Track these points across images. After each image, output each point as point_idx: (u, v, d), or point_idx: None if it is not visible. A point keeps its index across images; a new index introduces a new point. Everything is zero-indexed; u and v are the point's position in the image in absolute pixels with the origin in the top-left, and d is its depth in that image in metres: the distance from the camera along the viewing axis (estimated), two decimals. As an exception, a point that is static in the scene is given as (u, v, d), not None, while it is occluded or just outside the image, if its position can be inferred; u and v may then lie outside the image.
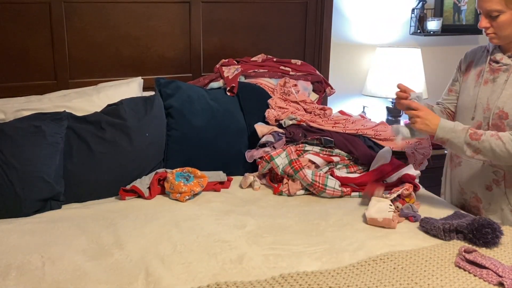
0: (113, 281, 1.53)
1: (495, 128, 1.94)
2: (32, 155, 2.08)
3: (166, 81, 2.61)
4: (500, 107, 1.93)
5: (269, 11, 3.08)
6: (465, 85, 2.10)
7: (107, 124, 2.27)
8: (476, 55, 2.12)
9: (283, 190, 2.27)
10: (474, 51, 2.15)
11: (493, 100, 1.95)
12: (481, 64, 2.06)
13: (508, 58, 1.96)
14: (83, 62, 2.73)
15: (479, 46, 2.15)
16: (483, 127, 1.98)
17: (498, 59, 1.98)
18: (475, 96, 2.02)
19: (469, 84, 2.08)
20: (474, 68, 2.09)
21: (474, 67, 2.09)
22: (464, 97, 2.09)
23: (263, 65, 2.93)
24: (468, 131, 1.88)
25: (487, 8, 1.86)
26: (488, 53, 2.04)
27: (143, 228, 1.88)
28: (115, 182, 2.22)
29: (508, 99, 1.92)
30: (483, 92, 2.00)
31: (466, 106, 2.06)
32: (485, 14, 1.89)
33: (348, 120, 2.68)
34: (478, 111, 2.00)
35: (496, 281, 1.51)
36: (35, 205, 2.04)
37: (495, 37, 1.93)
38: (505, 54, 1.97)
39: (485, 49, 2.08)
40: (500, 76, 1.97)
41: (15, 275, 1.56)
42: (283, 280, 1.51)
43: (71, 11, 2.64)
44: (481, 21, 1.91)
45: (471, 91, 2.05)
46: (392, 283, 1.51)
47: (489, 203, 2.02)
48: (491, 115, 1.95)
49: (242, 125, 2.62)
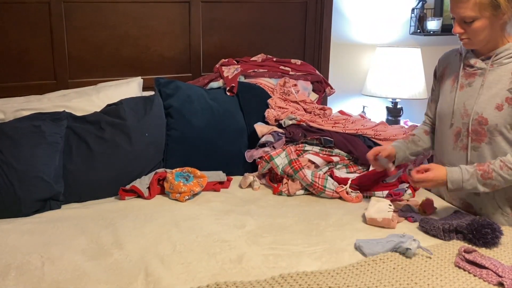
0: (113, 281, 1.53)
1: (475, 134, 1.92)
2: (32, 155, 2.07)
3: (165, 81, 2.61)
4: (479, 112, 1.90)
5: (269, 10, 3.08)
6: (442, 91, 2.08)
7: (106, 124, 2.27)
8: (450, 59, 2.09)
9: (282, 190, 2.27)
10: (447, 56, 2.13)
11: (471, 105, 1.93)
12: (455, 69, 2.04)
13: (482, 62, 1.93)
14: (83, 62, 2.73)
15: (451, 50, 2.12)
16: (462, 133, 1.96)
17: (472, 63, 1.95)
18: (452, 102, 1.99)
19: (445, 90, 2.06)
20: (448, 73, 2.07)
21: (449, 72, 2.07)
22: (441, 104, 2.07)
23: (262, 65, 2.93)
24: (478, 173, 1.86)
25: (461, 15, 1.85)
26: (461, 56, 2.01)
27: (142, 228, 1.88)
28: (114, 182, 2.22)
29: (486, 104, 1.89)
30: (459, 97, 1.97)
31: (444, 113, 2.04)
32: (458, 19, 1.88)
33: (348, 120, 2.68)
34: (456, 117, 1.98)
35: (496, 281, 1.51)
36: (35, 205, 2.04)
37: (469, 43, 1.91)
38: (479, 57, 1.95)
39: (458, 53, 2.05)
40: (476, 81, 1.94)
41: (14, 275, 1.56)
42: (282, 280, 1.51)
43: (70, 11, 2.64)
44: (455, 27, 1.90)
45: (448, 97, 2.03)
46: (392, 283, 1.51)
47: (480, 208, 2.01)
48: (470, 121, 1.92)
49: (242, 125, 2.62)
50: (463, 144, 1.97)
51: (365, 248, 1.71)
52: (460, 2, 1.84)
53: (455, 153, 2.00)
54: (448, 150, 2.03)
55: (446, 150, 2.05)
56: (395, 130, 2.64)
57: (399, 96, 3.32)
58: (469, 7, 1.81)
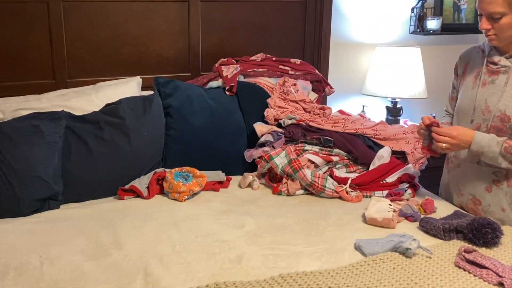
0: (112, 281, 1.53)
1: (495, 131, 1.93)
2: (31, 154, 2.07)
3: (165, 81, 2.60)
4: (502, 110, 1.92)
5: (268, 10, 3.08)
6: (463, 87, 2.09)
7: (105, 123, 2.26)
8: (471, 56, 2.10)
9: (282, 190, 2.27)
10: (469, 52, 2.13)
11: (494, 103, 1.94)
12: (477, 66, 2.04)
13: (506, 60, 1.95)
14: (82, 61, 2.72)
15: (472, 47, 2.13)
16: (481, 129, 1.97)
17: (496, 60, 1.96)
18: (474, 98, 2.00)
19: (467, 86, 2.07)
20: (470, 70, 2.08)
21: (471, 69, 2.07)
22: (462, 100, 2.07)
23: (262, 64, 2.93)
24: (503, 145, 1.87)
25: (489, 10, 1.85)
26: (484, 53, 2.02)
27: (141, 228, 1.88)
28: (113, 181, 2.21)
29: (510, 101, 1.91)
30: (481, 94, 1.98)
31: (465, 109, 2.05)
32: (486, 16, 1.88)
33: (347, 119, 2.68)
34: (477, 113, 1.99)
35: (496, 281, 1.51)
36: (34, 205, 2.04)
37: (495, 39, 1.92)
38: (503, 55, 1.96)
39: (480, 50, 2.06)
40: (499, 78, 1.95)
41: (13, 275, 1.56)
42: (282, 280, 1.51)
43: (69, 10, 2.64)
44: (482, 22, 1.90)
45: (469, 93, 2.04)
46: (392, 283, 1.51)
47: (489, 204, 2.01)
48: (492, 118, 1.94)
49: (241, 125, 2.62)
50: None
51: (365, 248, 1.70)
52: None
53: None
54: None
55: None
56: (395, 129, 2.64)
57: (398, 96, 3.32)
58: (498, 2, 1.82)
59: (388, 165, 2.35)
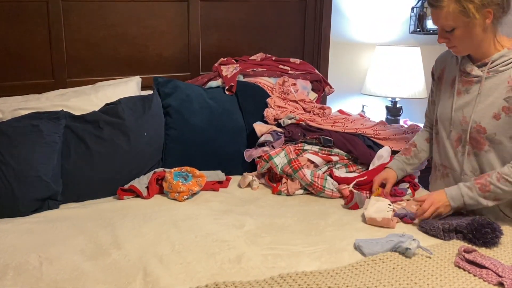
0: (111, 281, 1.53)
1: (475, 142, 1.91)
2: (30, 154, 2.07)
3: (164, 80, 2.60)
4: (477, 121, 1.89)
5: (268, 9, 3.08)
6: (440, 94, 2.06)
7: (105, 123, 2.26)
8: (447, 62, 2.07)
9: (282, 190, 2.26)
10: (444, 57, 2.10)
11: (469, 113, 1.92)
12: (452, 73, 2.02)
13: (478, 69, 1.91)
14: (81, 61, 2.72)
15: (447, 51, 2.08)
16: (463, 140, 1.95)
17: (469, 70, 1.93)
18: (450, 109, 1.98)
19: (443, 95, 2.04)
20: (446, 76, 2.05)
21: (447, 76, 2.05)
22: (441, 109, 2.05)
23: (262, 64, 2.92)
24: (475, 187, 1.86)
25: (440, 24, 1.85)
26: (458, 60, 1.99)
27: (141, 227, 1.88)
28: (113, 181, 2.21)
29: (484, 113, 1.88)
30: (457, 104, 1.96)
31: (444, 118, 2.02)
32: (440, 29, 1.87)
33: (347, 119, 2.68)
34: (455, 124, 1.97)
35: (496, 281, 1.51)
36: (33, 204, 2.04)
37: (456, 50, 1.91)
38: (475, 63, 1.93)
39: (453, 55, 2.02)
40: (473, 88, 1.92)
41: (12, 275, 1.55)
42: (282, 280, 1.51)
43: (68, 10, 2.63)
44: (438, 36, 1.89)
45: (446, 102, 2.01)
46: (392, 283, 1.51)
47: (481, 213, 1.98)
48: (469, 129, 1.92)
49: (241, 124, 2.62)
50: (464, 150, 1.96)
51: (365, 248, 1.70)
52: (436, 13, 1.84)
53: (457, 159, 2.00)
54: (450, 155, 2.03)
55: (447, 155, 2.04)
56: (394, 129, 2.63)
57: (398, 95, 3.31)
58: (443, 17, 1.81)
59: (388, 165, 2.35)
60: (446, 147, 2.03)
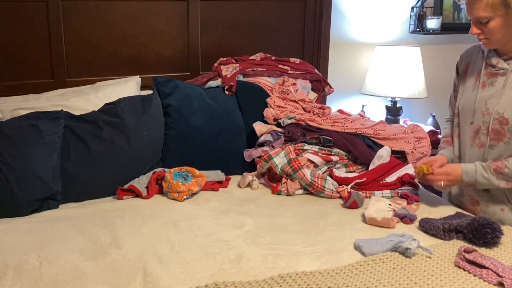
0: (111, 281, 1.52)
1: (495, 133, 1.93)
2: (29, 154, 2.06)
3: (164, 80, 2.60)
4: (500, 112, 1.92)
5: (268, 9, 3.07)
6: (464, 87, 2.08)
7: (104, 123, 2.26)
8: (472, 56, 2.10)
9: (281, 190, 2.26)
10: (469, 52, 2.13)
11: (492, 105, 1.94)
12: (477, 66, 2.04)
13: (504, 62, 1.94)
14: (81, 61, 2.72)
15: (473, 46, 2.13)
16: (481, 131, 1.97)
17: (494, 63, 1.96)
18: (473, 100, 2.00)
19: (467, 87, 2.06)
20: (471, 70, 2.07)
21: (471, 69, 2.07)
22: (463, 101, 2.07)
23: (261, 63, 2.92)
24: (491, 167, 1.90)
25: (476, 15, 1.87)
26: (483, 54, 2.02)
27: (141, 227, 1.87)
28: (112, 181, 2.21)
29: (508, 104, 1.90)
30: (481, 96, 1.98)
31: (465, 110, 2.05)
32: (475, 20, 1.89)
33: (347, 119, 2.67)
34: (477, 116, 1.99)
35: (496, 281, 1.50)
36: (32, 204, 2.03)
37: (487, 42, 1.93)
38: (501, 57, 1.96)
39: (480, 49, 2.06)
40: (498, 80, 1.95)
41: (12, 275, 1.55)
42: (281, 280, 1.50)
43: (68, 10, 2.63)
44: (472, 28, 1.92)
45: (470, 94, 2.03)
46: (392, 283, 1.50)
47: (487, 205, 2.00)
48: (491, 120, 1.94)
49: (241, 124, 2.61)
50: (480, 142, 1.98)
51: (365, 247, 1.70)
52: (473, 4, 1.86)
53: (472, 150, 2.02)
54: (466, 147, 2.05)
55: (464, 146, 2.07)
56: (394, 129, 2.63)
57: (398, 95, 3.31)
58: (482, 7, 1.83)
59: (388, 165, 2.35)
60: (464, 139, 2.06)
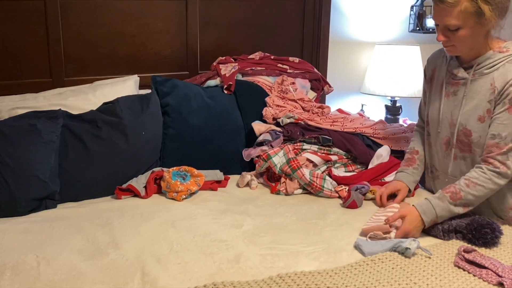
0: (109, 281, 1.52)
1: (462, 145, 1.90)
2: (27, 153, 2.06)
3: (162, 79, 2.59)
4: (463, 124, 1.88)
5: (267, 8, 3.07)
6: (431, 95, 2.05)
7: (103, 122, 2.25)
8: (438, 61, 2.06)
9: (280, 189, 2.26)
10: (435, 57, 2.09)
11: (456, 116, 1.91)
12: (442, 73, 2.01)
13: (465, 71, 1.90)
14: (79, 60, 2.71)
15: (438, 50, 2.07)
16: (450, 143, 1.94)
17: (455, 73, 1.92)
18: (439, 110, 1.97)
19: (434, 95, 2.03)
20: (437, 77, 2.04)
21: (437, 76, 2.04)
22: (431, 110, 2.04)
23: (260, 63, 2.92)
24: (446, 196, 1.81)
25: (446, 23, 1.80)
26: (447, 61, 1.98)
27: (139, 227, 1.87)
28: (111, 181, 2.20)
29: (469, 115, 1.87)
30: (445, 106, 1.95)
31: (433, 119, 2.02)
32: (442, 27, 1.83)
33: (346, 118, 2.67)
34: (444, 126, 1.96)
35: (496, 281, 1.50)
36: (30, 204, 2.03)
37: (453, 50, 1.88)
38: (462, 65, 1.92)
39: (444, 55, 2.01)
40: (459, 90, 1.92)
41: (10, 275, 1.55)
42: (280, 280, 1.50)
43: (66, 8, 2.62)
44: (439, 35, 1.84)
45: (436, 104, 2.00)
46: (391, 283, 1.50)
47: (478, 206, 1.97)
48: (456, 132, 1.91)
49: (239, 124, 2.61)
50: (454, 154, 1.95)
51: (365, 247, 1.70)
52: (444, 11, 1.78)
53: (447, 161, 1.99)
54: (439, 157, 2.03)
55: (437, 157, 2.04)
56: (394, 128, 2.63)
57: (398, 94, 3.31)
58: (453, 15, 1.76)
59: (387, 164, 2.35)
60: (436, 149, 2.03)
